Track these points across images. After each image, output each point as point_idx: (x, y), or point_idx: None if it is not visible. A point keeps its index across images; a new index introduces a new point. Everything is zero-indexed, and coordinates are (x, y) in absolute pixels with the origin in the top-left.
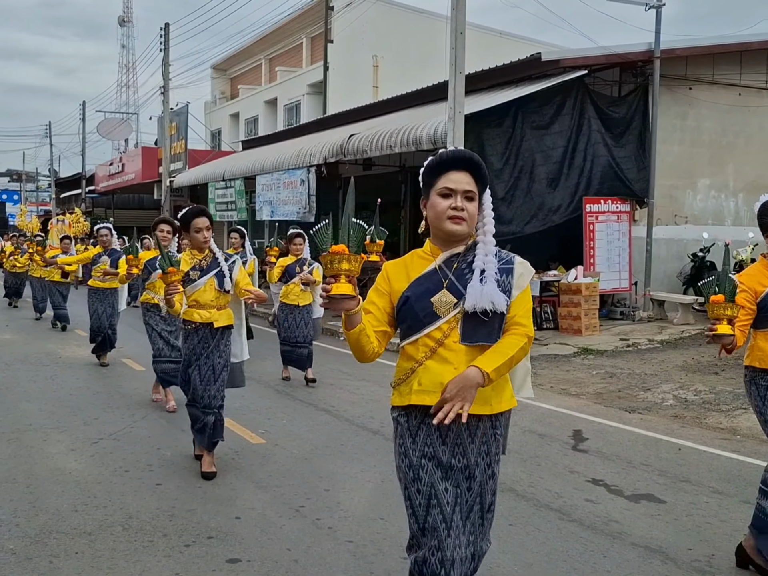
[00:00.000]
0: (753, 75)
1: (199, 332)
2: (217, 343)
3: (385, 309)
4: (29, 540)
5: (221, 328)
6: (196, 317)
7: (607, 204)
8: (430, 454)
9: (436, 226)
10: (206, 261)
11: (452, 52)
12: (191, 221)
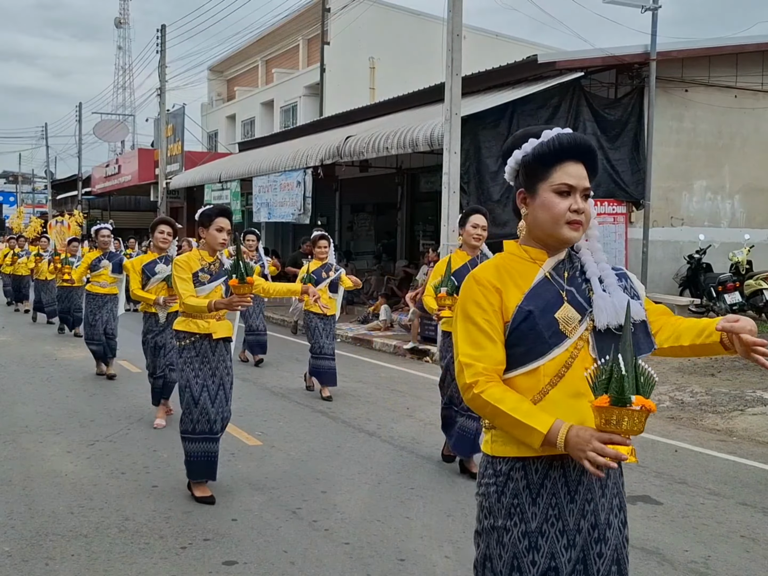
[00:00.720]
0: (749, 77)
1: (197, 346)
2: (220, 357)
3: (500, 335)
4: (25, 542)
5: (220, 340)
6: (194, 328)
7: (604, 206)
8: (555, 516)
9: (548, 231)
10: (215, 266)
11: (449, 54)
12: (215, 218)
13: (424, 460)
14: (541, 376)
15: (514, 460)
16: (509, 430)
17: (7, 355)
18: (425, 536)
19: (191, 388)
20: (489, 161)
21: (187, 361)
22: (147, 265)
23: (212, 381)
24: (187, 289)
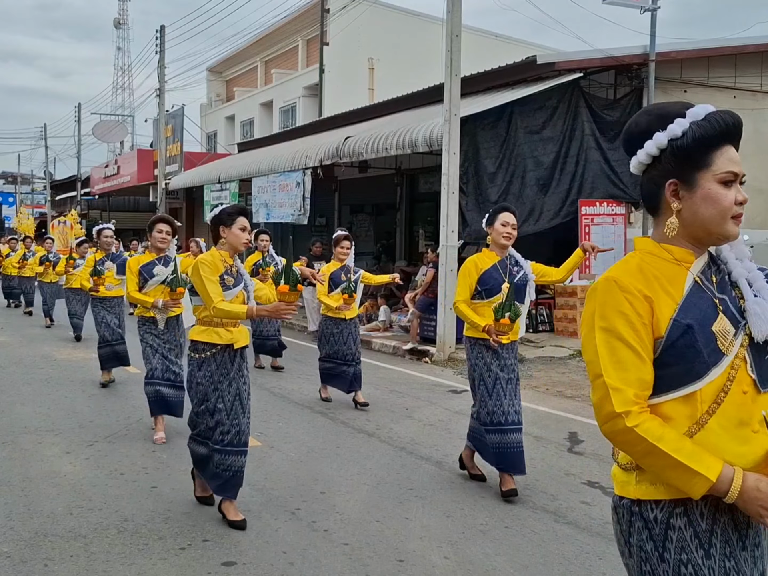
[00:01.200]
0: (748, 78)
1: (218, 358)
2: (238, 367)
3: (650, 354)
4: (24, 543)
5: (240, 350)
6: (216, 338)
7: (603, 206)
8: (734, 569)
9: (712, 227)
10: (235, 269)
11: (448, 54)
12: (237, 217)
13: (423, 460)
14: (699, 402)
15: (673, 503)
16: (663, 473)
17: (6, 356)
18: (424, 537)
19: (207, 399)
20: (487, 162)
21: (207, 375)
22: (145, 266)
23: (228, 392)
24: (217, 293)
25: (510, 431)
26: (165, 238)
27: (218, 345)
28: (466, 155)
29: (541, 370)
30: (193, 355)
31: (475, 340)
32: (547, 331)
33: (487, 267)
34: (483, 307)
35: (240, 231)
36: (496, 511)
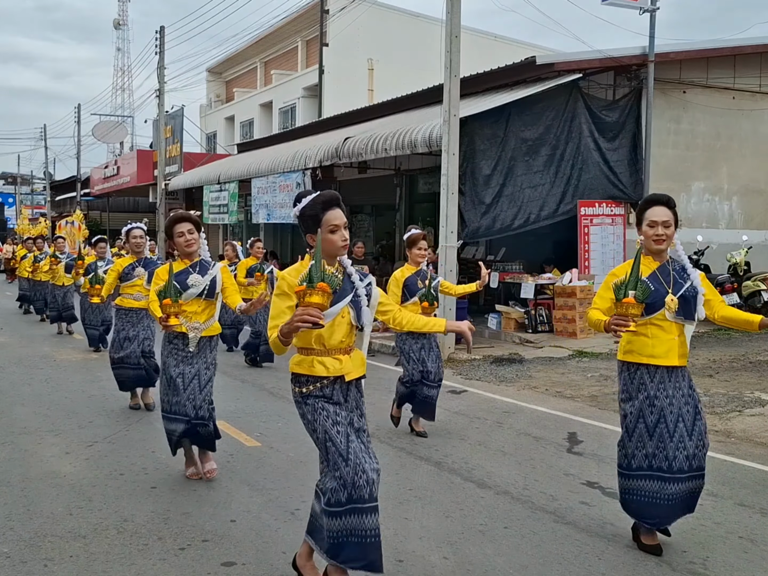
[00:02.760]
0: (747, 78)
1: (326, 392)
2: (355, 403)
3: None
4: (24, 543)
5: (355, 382)
6: (321, 370)
7: (602, 207)
8: None
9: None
10: (338, 278)
11: (447, 55)
12: (326, 211)
13: (422, 461)
14: None
15: None
16: None
17: (6, 356)
18: (423, 537)
19: (334, 441)
20: (483, 164)
21: (317, 409)
22: (177, 276)
23: (353, 430)
24: (277, 318)
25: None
26: (191, 240)
27: (325, 379)
28: (465, 155)
29: (541, 370)
30: (296, 390)
31: (632, 367)
32: (546, 331)
33: (644, 276)
34: (649, 327)
35: (330, 234)
36: (495, 511)
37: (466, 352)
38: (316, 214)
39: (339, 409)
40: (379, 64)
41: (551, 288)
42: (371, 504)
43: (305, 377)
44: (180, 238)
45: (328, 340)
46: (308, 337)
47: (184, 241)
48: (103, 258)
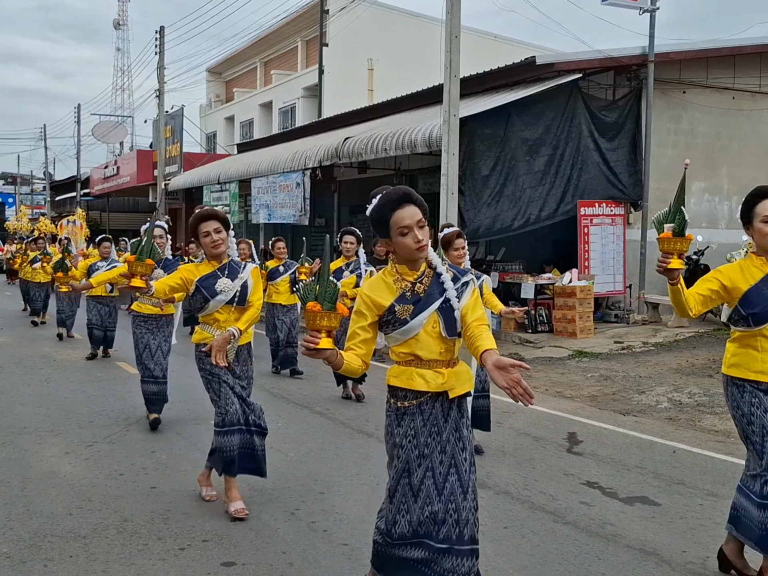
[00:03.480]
0: (746, 79)
1: (425, 410)
2: (455, 425)
3: None
4: (23, 543)
5: (458, 400)
6: (421, 384)
7: (602, 207)
8: None
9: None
10: (424, 283)
11: (447, 55)
12: (394, 212)
13: None
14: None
15: None
16: None
17: (5, 356)
18: None
19: (410, 472)
20: (483, 164)
21: (408, 434)
22: (204, 279)
23: (440, 462)
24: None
25: None
26: (218, 241)
27: (424, 393)
28: (465, 155)
29: (540, 370)
30: (392, 402)
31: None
32: (546, 331)
33: (754, 281)
34: (758, 339)
35: (400, 236)
36: (495, 511)
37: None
38: (384, 216)
39: (433, 438)
40: (379, 64)
41: (551, 288)
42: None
43: (403, 391)
44: (206, 238)
45: (423, 353)
46: (405, 347)
47: (210, 241)
48: (106, 258)
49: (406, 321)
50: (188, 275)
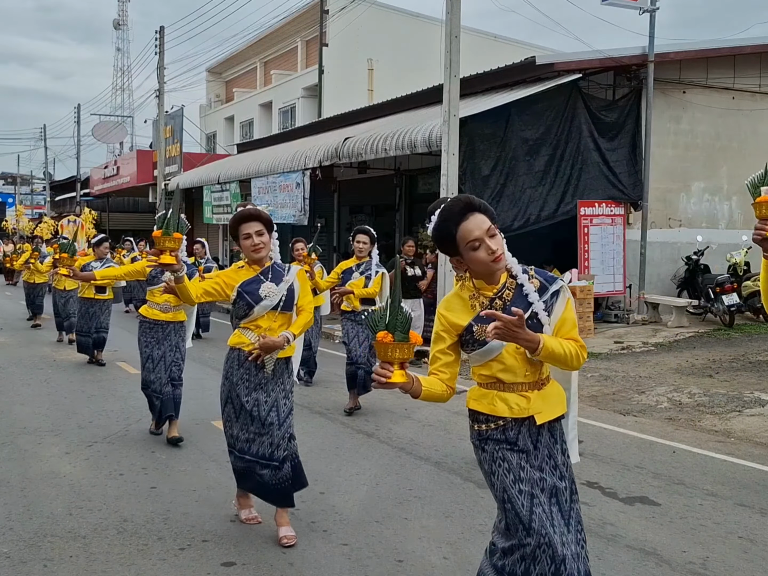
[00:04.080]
0: (746, 79)
1: (509, 435)
2: (548, 453)
3: None
4: (23, 543)
5: (548, 426)
6: (503, 409)
7: (602, 207)
8: None
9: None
10: (505, 298)
11: (447, 55)
12: (459, 225)
13: (422, 461)
14: None
15: None
16: None
17: (5, 357)
18: (423, 537)
19: (514, 503)
20: (483, 164)
21: (496, 458)
22: (246, 284)
23: (541, 491)
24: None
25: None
26: (259, 245)
27: (503, 419)
28: (465, 155)
29: None
30: (474, 428)
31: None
32: None
33: None
34: None
35: (472, 250)
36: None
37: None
38: (449, 232)
39: (525, 461)
40: (379, 64)
41: None
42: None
43: (484, 415)
44: (246, 241)
45: (506, 376)
46: (486, 369)
47: (250, 244)
48: (101, 259)
49: (485, 342)
50: (228, 280)
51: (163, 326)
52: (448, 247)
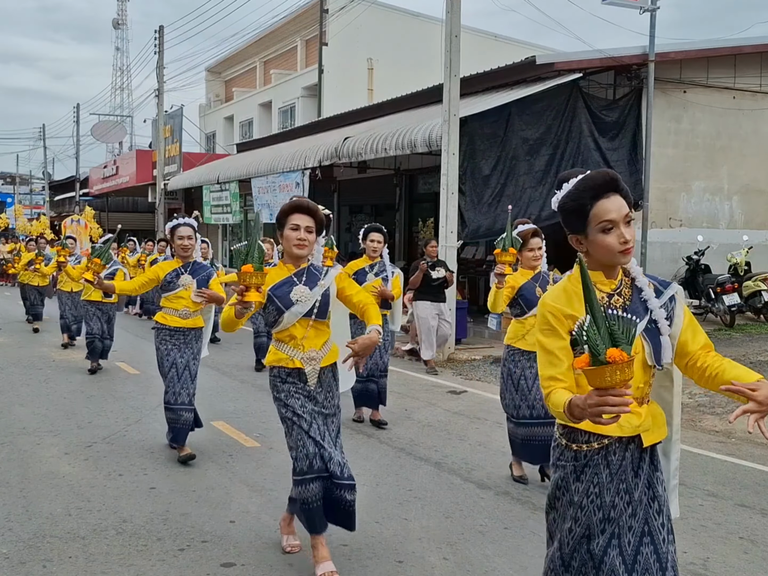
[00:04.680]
0: (747, 78)
1: (613, 460)
2: (647, 481)
3: None
4: (22, 544)
5: (650, 450)
6: (614, 428)
7: None
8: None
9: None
10: (623, 296)
11: (447, 55)
12: (597, 201)
13: (422, 461)
14: None
15: None
16: None
17: (4, 357)
18: (423, 538)
19: (590, 538)
20: (483, 164)
21: (590, 492)
22: (277, 288)
23: (629, 528)
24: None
25: None
26: (304, 240)
27: (607, 439)
28: (465, 155)
29: None
30: (570, 447)
31: None
32: None
33: None
34: None
35: (604, 235)
36: (495, 512)
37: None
38: (583, 205)
39: (620, 498)
40: (379, 64)
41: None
42: None
43: (586, 434)
44: (293, 232)
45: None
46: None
47: (296, 237)
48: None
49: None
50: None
51: (184, 333)
52: (575, 221)
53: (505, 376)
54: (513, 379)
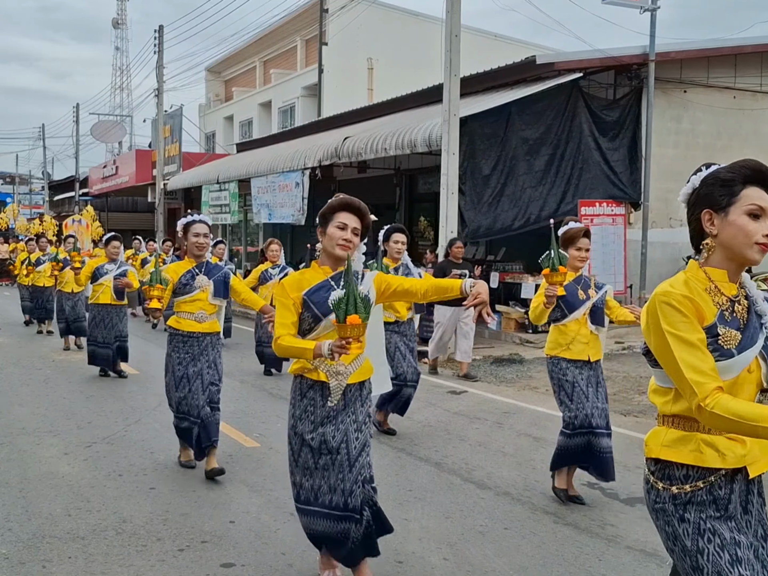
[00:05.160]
0: (747, 78)
1: (720, 498)
2: (758, 518)
3: None
4: (22, 544)
5: (757, 481)
6: (713, 458)
7: (602, 207)
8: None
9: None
10: (743, 305)
11: (447, 54)
12: (750, 184)
13: (422, 462)
14: None
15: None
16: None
17: (4, 357)
18: (423, 538)
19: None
20: (483, 163)
21: (704, 531)
22: (312, 292)
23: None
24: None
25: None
26: (349, 242)
27: (719, 471)
28: (465, 155)
29: (541, 370)
30: (664, 488)
31: None
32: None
33: None
34: None
35: (746, 215)
36: (495, 512)
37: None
38: (732, 182)
39: (738, 532)
40: (379, 64)
41: None
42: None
43: (683, 469)
44: (338, 231)
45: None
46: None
47: (341, 236)
48: (114, 260)
49: (730, 354)
50: (292, 292)
51: (198, 339)
52: (722, 192)
53: (557, 388)
54: (566, 389)
